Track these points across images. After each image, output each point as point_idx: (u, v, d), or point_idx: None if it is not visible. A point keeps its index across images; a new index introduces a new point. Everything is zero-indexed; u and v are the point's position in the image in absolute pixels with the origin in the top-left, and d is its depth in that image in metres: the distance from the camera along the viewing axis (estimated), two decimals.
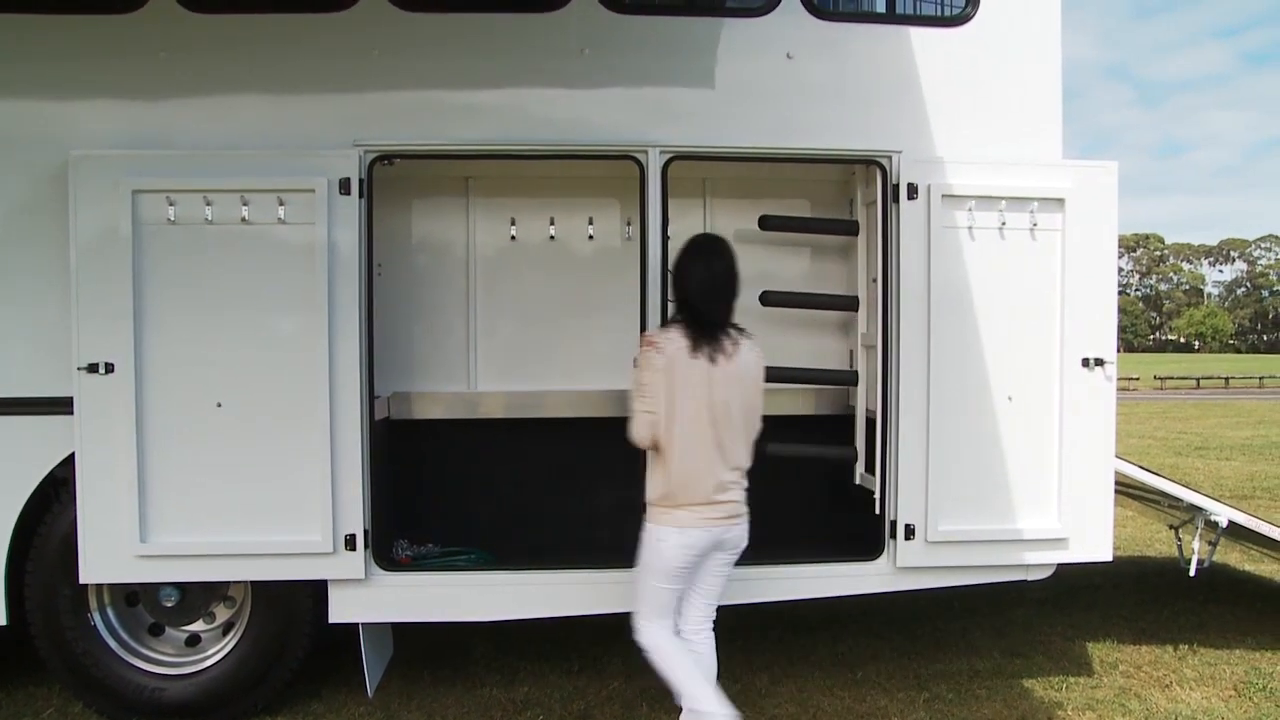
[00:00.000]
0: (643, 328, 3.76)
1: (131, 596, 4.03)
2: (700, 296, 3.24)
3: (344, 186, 3.72)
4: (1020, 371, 4.01)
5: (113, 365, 3.65)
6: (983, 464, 3.98)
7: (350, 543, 3.77)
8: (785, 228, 4.40)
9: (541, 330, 4.59)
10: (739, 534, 3.31)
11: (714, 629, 3.36)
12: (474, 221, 4.60)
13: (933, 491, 3.96)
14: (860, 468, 4.37)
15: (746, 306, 4.20)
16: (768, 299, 4.15)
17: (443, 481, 4.55)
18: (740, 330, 3.25)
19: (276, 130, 3.78)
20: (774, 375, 4.05)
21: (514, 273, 4.60)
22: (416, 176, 4.48)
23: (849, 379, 4.46)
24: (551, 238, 4.56)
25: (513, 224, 4.58)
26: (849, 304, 4.42)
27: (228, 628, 4.07)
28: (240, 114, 3.80)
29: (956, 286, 3.96)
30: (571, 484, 4.51)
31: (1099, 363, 4.01)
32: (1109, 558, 4.10)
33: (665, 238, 3.84)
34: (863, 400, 4.40)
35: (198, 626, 4.08)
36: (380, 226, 4.11)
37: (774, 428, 4.50)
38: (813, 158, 4.04)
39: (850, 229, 4.45)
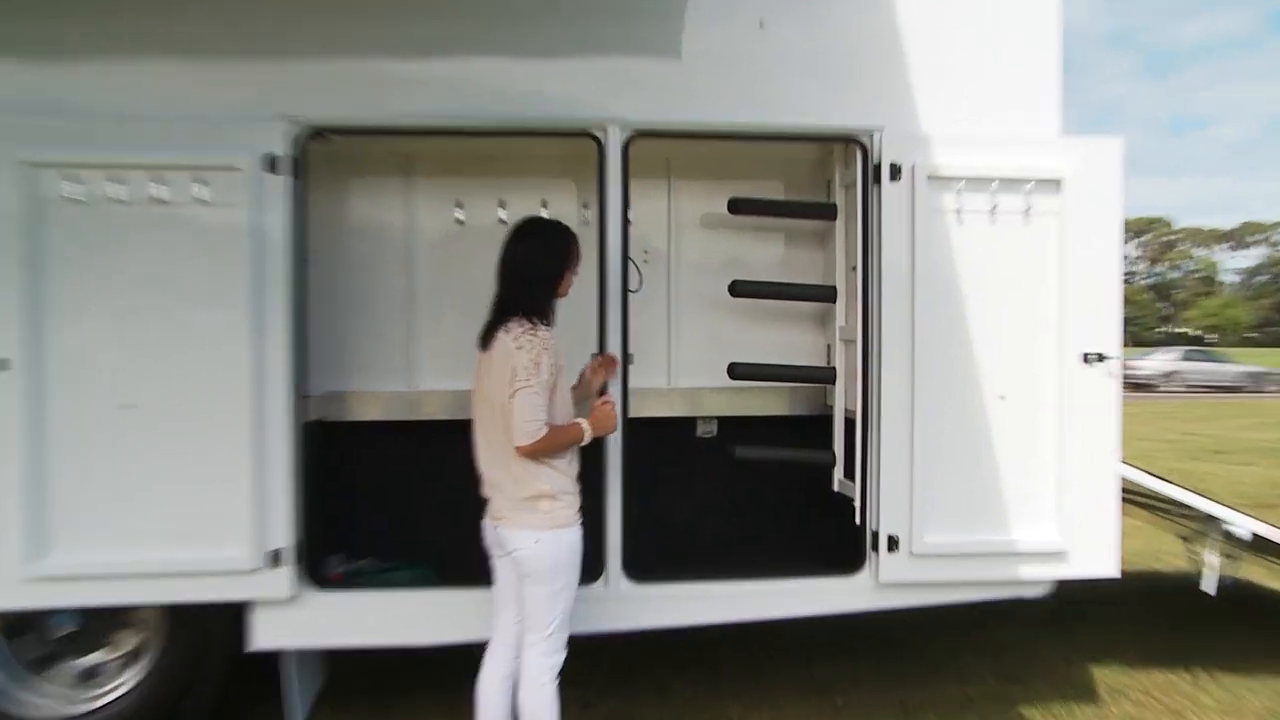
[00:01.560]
0: (601, 319, 3.69)
1: (13, 626, 3.87)
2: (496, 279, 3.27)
3: (271, 164, 3.63)
4: (1014, 368, 3.98)
5: (7, 361, 3.53)
6: (973, 470, 3.96)
7: (275, 559, 3.68)
8: (757, 211, 4.35)
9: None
10: (509, 539, 3.23)
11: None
12: (416, 204, 4.56)
13: (918, 499, 3.94)
14: (839, 473, 4.32)
15: (715, 297, 4.15)
16: (737, 289, 4.10)
17: (382, 489, 4.50)
18: (529, 319, 3.19)
19: (195, 99, 3.64)
20: (744, 373, 4.18)
21: (460, 260, 4.53)
22: (353, 154, 4.41)
23: (826, 376, 4.44)
24: (501, 221, 4.48)
25: (459, 207, 4.54)
26: (826, 295, 4.40)
27: (132, 658, 3.90)
28: (152, 79, 3.65)
29: (944, 275, 3.93)
30: None
31: (1101, 358, 3.99)
32: (1115, 573, 4.05)
33: (626, 222, 3.81)
34: (841, 399, 4.37)
35: (96, 658, 3.90)
36: (313, 209, 4.01)
37: (745, 430, 4.67)
38: (787, 134, 3.98)
39: (827, 213, 4.43)
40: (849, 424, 4.31)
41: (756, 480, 4.62)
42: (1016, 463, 3.98)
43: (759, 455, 4.16)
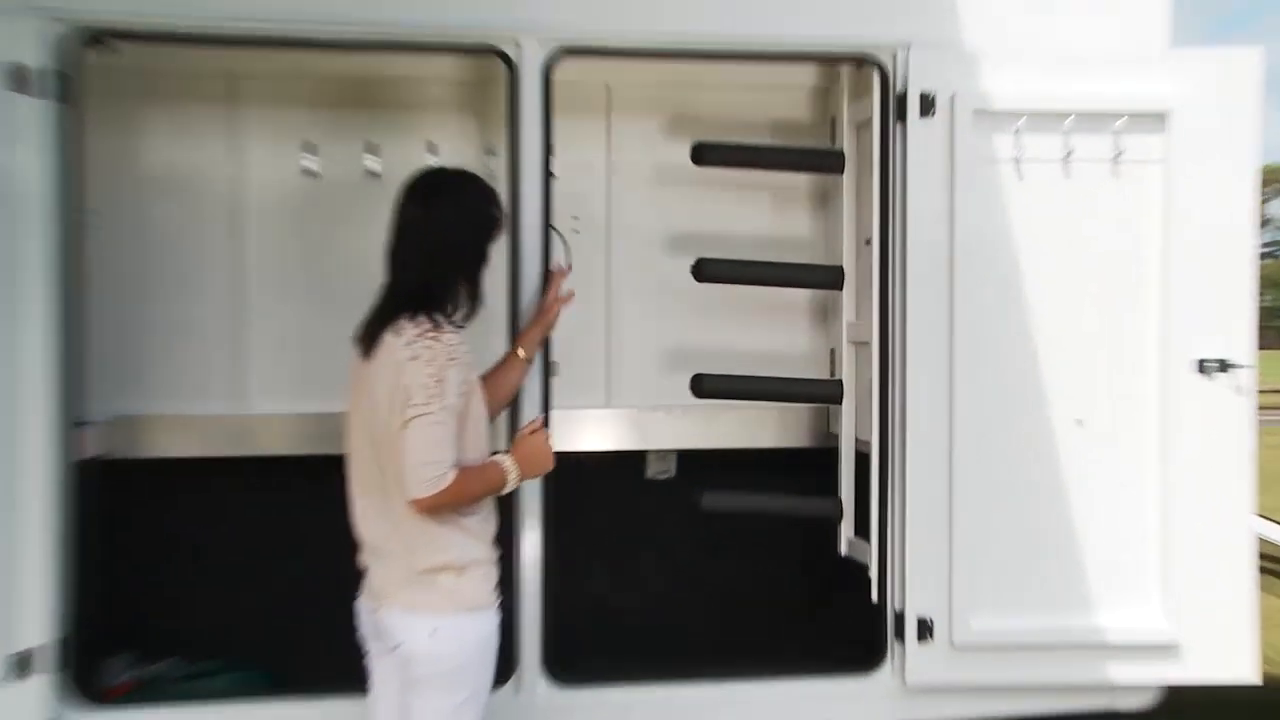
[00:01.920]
0: (512, 313, 3.62)
1: None
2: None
3: (20, 79, 3.43)
4: (1097, 382, 3.90)
5: None
6: (1037, 525, 3.87)
7: (23, 665, 3.45)
8: (732, 162, 4.25)
9: (354, 320, 4.09)
10: (394, 627, 3.08)
11: None
12: (246, 147, 4.41)
13: (960, 567, 3.81)
14: (848, 530, 4.28)
15: (673, 283, 4.24)
16: (705, 271, 3.91)
17: (197, 556, 4.43)
18: (430, 315, 2.98)
19: None
20: (714, 389, 4.05)
21: (310, 227, 4.42)
22: (153, 72, 4.30)
23: (828, 393, 4.28)
24: (371, 173, 4.35)
25: (308, 152, 4.38)
26: (828, 279, 4.24)
27: None
28: None
29: (995, 251, 3.84)
30: None
31: (1224, 366, 3.88)
32: (1253, 678, 3.92)
33: (548, 174, 3.71)
34: (850, 425, 4.20)
35: None
36: (93, 151, 3.98)
37: (715, 468, 4.57)
38: (774, 54, 3.90)
39: (830, 164, 4.30)
40: (862, 460, 4.27)
41: (731, 540, 4.57)
42: (1102, 516, 3.89)
43: (734, 505, 4.10)
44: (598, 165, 4.54)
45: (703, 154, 4.08)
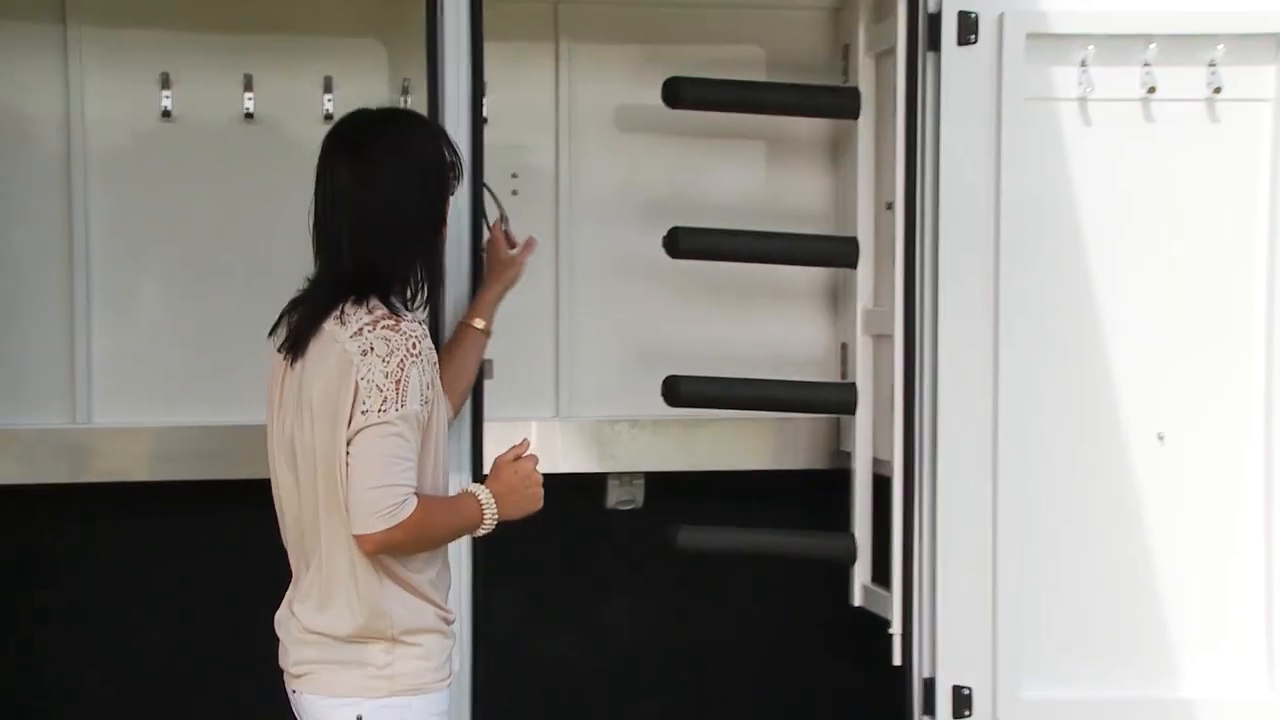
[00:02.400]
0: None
1: None
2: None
3: None
4: (1184, 387, 3.84)
5: None
6: (1107, 568, 3.82)
7: None
8: (718, 103, 4.17)
9: (231, 304, 4.22)
10: (308, 713, 3.01)
11: None
12: (83, 80, 4.20)
13: (1005, 623, 3.72)
14: (862, 574, 4.18)
15: (640, 259, 4.25)
16: (681, 244, 3.90)
17: (22, 620, 4.23)
18: (384, 299, 2.92)
19: None
20: (692, 395, 4.09)
21: (169, 187, 4.24)
22: None
23: (837, 401, 4.21)
24: (248, 116, 4.21)
25: (164, 87, 4.16)
26: (838, 254, 4.18)
27: None
28: None
29: (1052, 218, 3.79)
30: None
31: None
32: None
33: (480, 119, 3.59)
34: (866, 441, 4.17)
35: None
36: None
37: (695, 497, 4.49)
38: None
39: (842, 106, 4.20)
40: (882, 485, 4.14)
41: (715, 586, 4.48)
42: (1190, 556, 3.83)
43: (718, 544, 4.05)
44: (545, 105, 4.37)
45: (679, 92, 4.05)
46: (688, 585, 4.55)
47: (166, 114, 4.20)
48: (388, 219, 2.97)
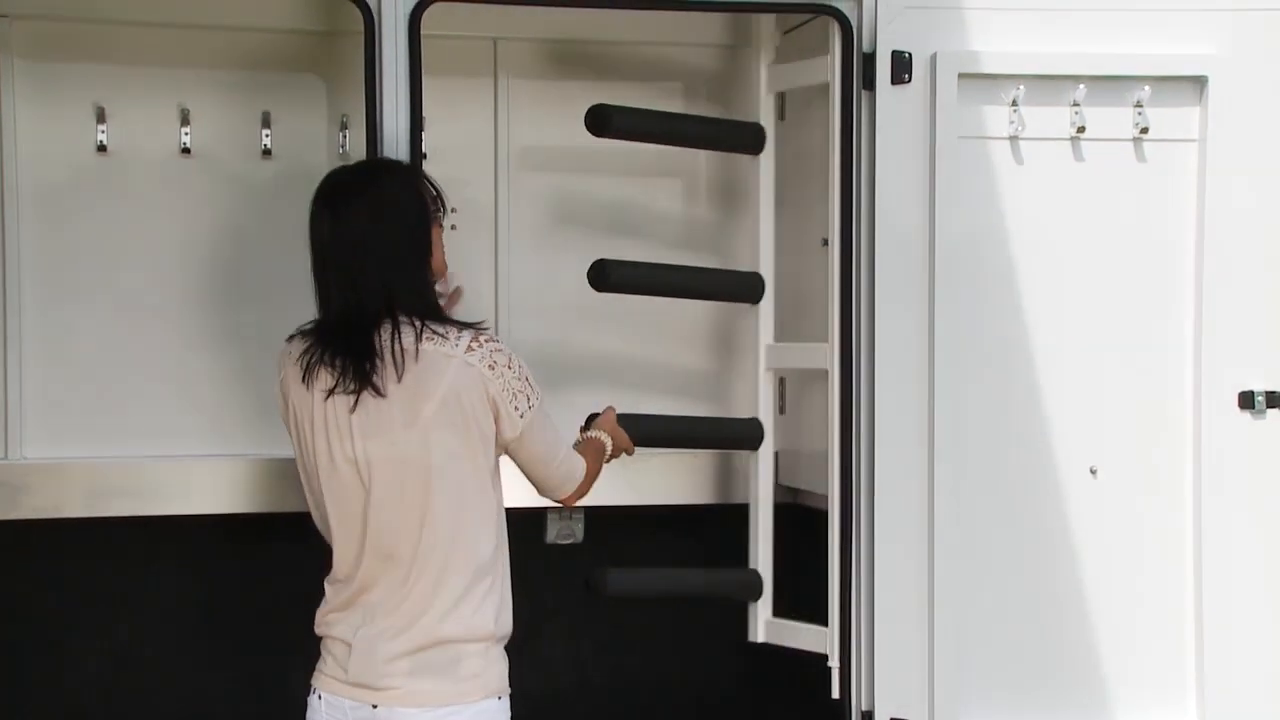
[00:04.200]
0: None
1: None
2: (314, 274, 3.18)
3: None
4: (1114, 420, 3.85)
5: None
6: (1040, 600, 3.82)
7: None
8: (641, 134, 4.17)
9: (165, 338, 4.25)
10: None
11: None
12: (16, 112, 4.20)
13: (943, 655, 3.73)
14: (764, 610, 4.16)
15: (575, 293, 4.18)
16: (607, 277, 3.89)
17: None
18: (456, 323, 3.08)
19: None
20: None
21: (103, 221, 4.23)
22: None
23: (741, 435, 4.21)
24: (185, 151, 4.21)
25: (100, 120, 4.16)
26: (740, 289, 4.17)
27: None
28: None
29: (985, 254, 3.80)
30: (246, 663, 4.27)
31: (1275, 401, 3.80)
32: None
33: (419, 154, 3.64)
34: (768, 476, 4.22)
35: None
36: None
37: (643, 532, 4.48)
38: (698, 1, 3.95)
39: (743, 140, 4.20)
40: (808, 516, 4.18)
41: (653, 621, 4.50)
42: (1120, 589, 3.84)
43: (647, 587, 4.07)
44: (484, 143, 4.40)
45: (605, 121, 3.98)
46: (626, 619, 4.52)
47: (102, 148, 4.18)
48: (388, 256, 3.04)
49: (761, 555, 4.22)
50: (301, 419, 3.17)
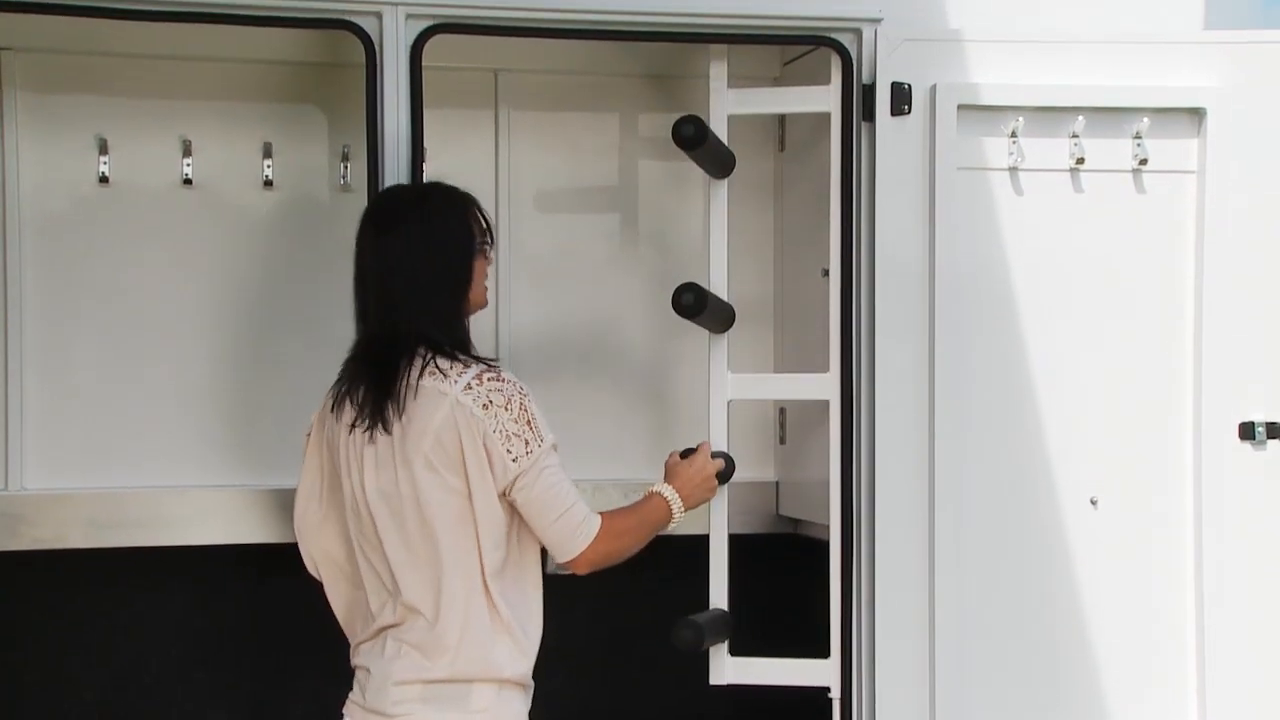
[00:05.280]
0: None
1: None
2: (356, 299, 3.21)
3: None
4: (1115, 452, 3.84)
5: None
6: (1043, 630, 3.81)
7: None
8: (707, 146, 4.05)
9: (167, 369, 4.24)
10: None
11: None
12: (18, 142, 4.19)
13: (943, 687, 3.70)
14: (724, 664, 3.96)
15: (590, 326, 4.32)
16: (695, 302, 3.80)
17: None
18: (458, 357, 3.06)
19: None
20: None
21: (106, 252, 4.22)
22: None
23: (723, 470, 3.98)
24: (187, 182, 4.19)
25: (102, 152, 4.17)
26: (713, 319, 4.08)
27: None
28: None
29: (985, 285, 3.81)
30: (247, 694, 4.26)
31: (1276, 432, 3.79)
32: None
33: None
34: (722, 511, 4.04)
35: None
36: None
37: (655, 562, 4.29)
38: (696, 34, 3.80)
39: (724, 166, 4.13)
40: (808, 546, 4.19)
41: (654, 654, 4.26)
42: (1121, 619, 3.83)
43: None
44: (485, 174, 4.37)
45: (696, 131, 3.81)
46: (625, 652, 4.53)
47: (104, 179, 4.19)
48: (423, 284, 3.07)
49: (716, 592, 4.06)
50: (335, 451, 3.18)
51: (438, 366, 3.02)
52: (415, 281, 3.09)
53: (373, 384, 3.05)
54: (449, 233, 3.15)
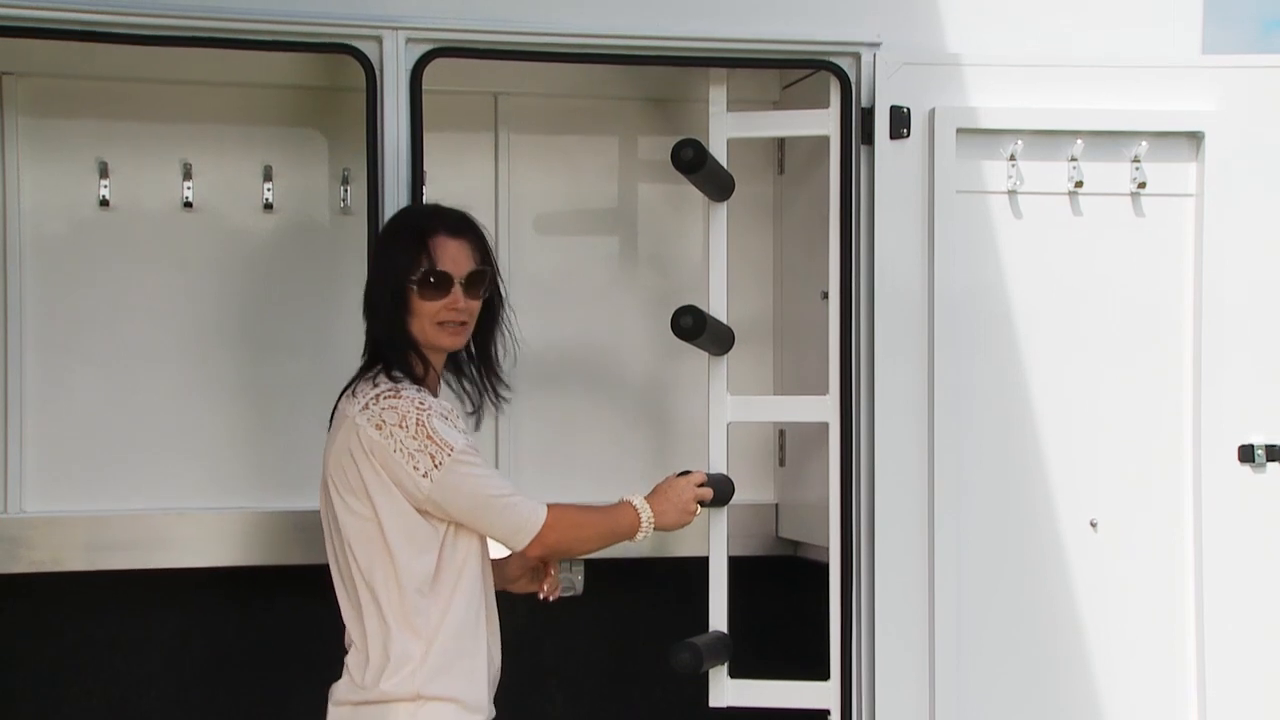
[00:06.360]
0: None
1: None
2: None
3: None
4: (1114, 474, 3.84)
5: None
6: (1043, 652, 3.79)
7: None
8: (706, 172, 4.05)
9: (167, 392, 4.22)
10: None
11: None
12: (20, 166, 4.18)
13: (943, 709, 3.70)
14: (723, 688, 3.93)
15: (590, 348, 4.33)
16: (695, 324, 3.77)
17: None
18: (388, 373, 3.04)
19: None
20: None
21: (106, 275, 4.22)
22: None
23: (724, 491, 3.96)
24: (187, 205, 4.18)
25: (103, 176, 4.18)
26: (719, 341, 4.05)
27: None
28: None
29: (985, 307, 3.82)
30: (245, 716, 4.20)
31: (1276, 455, 3.78)
32: None
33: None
34: (721, 532, 4.02)
35: None
36: None
37: (652, 585, 4.43)
38: (699, 57, 3.81)
39: (723, 189, 4.13)
40: (810, 569, 4.17)
41: (655, 676, 4.26)
42: (1123, 641, 3.81)
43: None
44: (484, 197, 4.35)
45: (696, 154, 3.80)
46: (626, 674, 4.49)
47: (105, 202, 4.19)
48: (366, 303, 3.09)
49: (716, 614, 4.03)
50: None
51: (357, 389, 3.01)
52: (365, 303, 3.08)
53: (336, 401, 3.08)
54: (377, 259, 3.15)
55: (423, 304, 3.01)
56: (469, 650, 3.03)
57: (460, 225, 3.10)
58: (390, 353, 3.04)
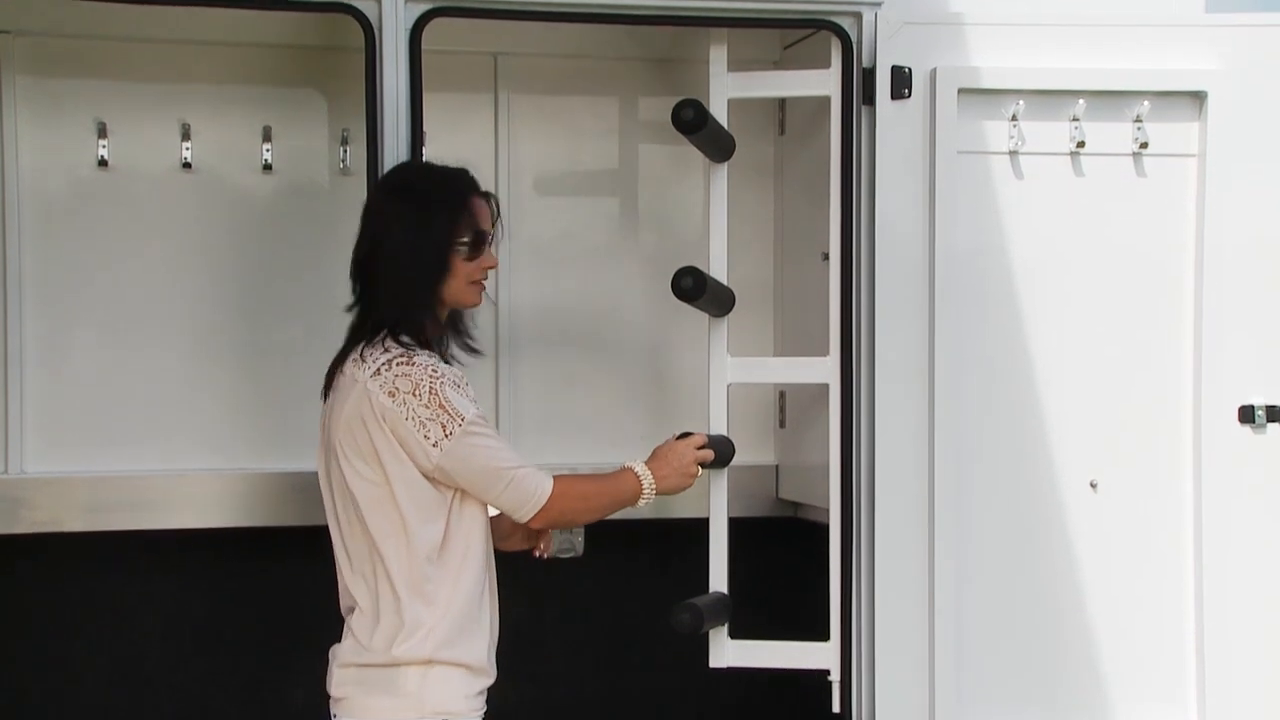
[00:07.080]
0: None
1: None
2: None
3: None
4: (1115, 435, 3.83)
5: None
6: (1043, 612, 3.80)
7: None
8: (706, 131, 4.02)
9: (166, 352, 4.24)
10: None
11: None
12: (16, 126, 4.20)
13: (942, 670, 3.70)
14: (725, 650, 3.94)
15: (590, 309, 4.35)
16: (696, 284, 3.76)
17: None
18: (396, 338, 3.00)
19: None
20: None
21: (104, 236, 4.23)
22: None
23: (725, 453, 3.93)
24: (186, 166, 4.20)
25: (101, 136, 4.18)
26: (713, 302, 4.03)
27: None
28: None
29: (984, 268, 3.81)
30: (247, 677, 4.19)
31: (1276, 415, 3.78)
32: None
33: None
34: (722, 494, 4.02)
35: None
36: None
37: (649, 545, 4.41)
38: (698, 17, 3.78)
39: (724, 150, 4.09)
40: (806, 529, 4.20)
41: (655, 638, 4.20)
42: (1120, 602, 3.82)
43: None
44: (484, 157, 4.37)
45: (696, 115, 3.79)
46: (626, 636, 4.51)
47: (103, 162, 4.20)
48: (387, 264, 3.05)
49: (716, 574, 4.06)
50: None
51: (365, 353, 3.00)
52: (387, 265, 3.05)
53: (332, 365, 3.06)
54: (411, 221, 3.10)
55: (464, 264, 3.03)
56: (476, 616, 3.05)
57: (479, 184, 3.14)
58: (409, 314, 3.03)
